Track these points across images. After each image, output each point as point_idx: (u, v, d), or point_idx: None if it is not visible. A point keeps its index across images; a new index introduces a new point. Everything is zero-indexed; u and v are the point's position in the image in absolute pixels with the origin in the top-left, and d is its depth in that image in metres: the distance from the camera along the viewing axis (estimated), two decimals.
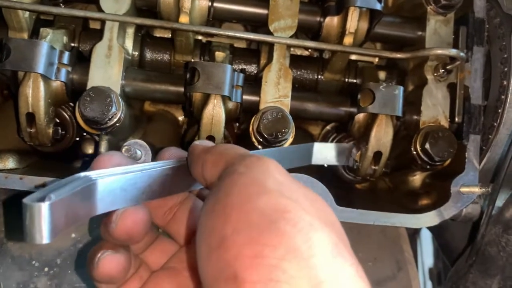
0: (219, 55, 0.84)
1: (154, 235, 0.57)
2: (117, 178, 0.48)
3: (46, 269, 0.84)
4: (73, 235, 0.87)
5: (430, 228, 1.09)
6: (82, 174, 0.46)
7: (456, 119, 0.82)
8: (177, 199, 0.56)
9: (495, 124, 0.85)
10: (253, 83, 0.83)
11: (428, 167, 0.83)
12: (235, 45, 0.92)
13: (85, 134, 0.85)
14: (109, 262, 0.48)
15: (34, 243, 0.39)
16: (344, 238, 0.40)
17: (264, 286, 0.35)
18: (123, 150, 0.66)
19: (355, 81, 0.92)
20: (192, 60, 0.86)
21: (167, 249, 0.56)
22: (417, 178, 0.90)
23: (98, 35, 0.79)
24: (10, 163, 0.81)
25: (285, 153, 0.75)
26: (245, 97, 0.80)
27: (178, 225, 0.55)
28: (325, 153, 0.83)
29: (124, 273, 0.50)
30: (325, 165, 0.84)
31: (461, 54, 0.81)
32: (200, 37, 0.92)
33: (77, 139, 0.85)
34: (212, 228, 0.39)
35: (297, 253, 0.36)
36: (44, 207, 0.38)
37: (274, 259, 0.35)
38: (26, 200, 0.39)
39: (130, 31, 0.82)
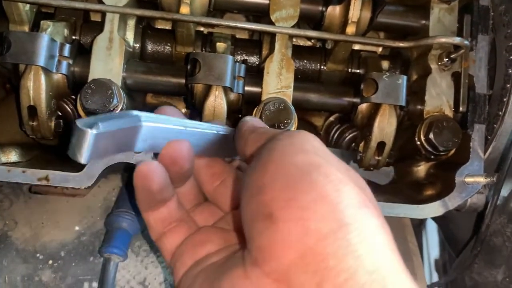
0: (220, 46, 0.83)
1: (202, 198, 0.62)
2: (162, 127, 0.52)
3: (50, 261, 0.85)
4: (77, 227, 0.88)
5: (434, 219, 1.08)
6: (134, 112, 0.50)
7: (461, 108, 0.82)
8: (224, 168, 0.61)
9: (500, 113, 0.84)
10: (255, 74, 0.82)
11: (432, 157, 0.83)
12: (237, 36, 0.91)
13: None
14: (146, 164, 0.51)
15: (75, 160, 0.45)
16: (373, 201, 0.44)
17: (295, 224, 0.39)
18: None
19: (358, 71, 0.91)
20: (194, 51, 0.86)
21: (216, 213, 0.61)
22: (421, 169, 0.90)
23: (99, 27, 0.79)
24: (13, 156, 0.81)
25: None
26: (247, 88, 0.80)
27: (225, 194, 0.60)
28: None
29: (160, 181, 0.52)
30: None
31: (466, 42, 0.80)
32: (201, 28, 0.91)
33: None
34: (253, 180, 0.44)
35: (327, 199, 0.40)
36: (91, 134, 0.44)
37: (306, 202, 0.40)
38: (78, 122, 0.44)
39: (131, 23, 0.82)
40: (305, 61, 0.90)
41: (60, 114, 0.80)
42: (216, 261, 0.51)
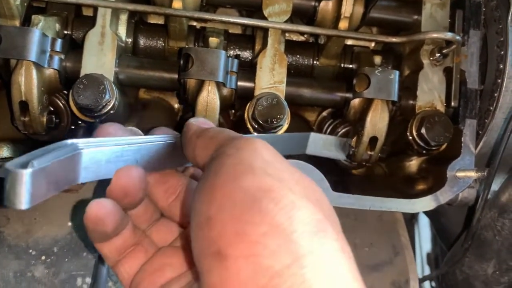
0: (213, 41, 0.83)
1: (158, 214, 0.58)
2: (103, 150, 0.48)
3: (43, 257, 0.84)
4: (70, 223, 0.87)
5: (426, 213, 1.09)
6: (69, 141, 0.46)
7: (452, 103, 0.82)
8: (178, 180, 0.56)
9: (491, 108, 0.85)
10: (248, 69, 0.82)
11: (424, 152, 0.83)
12: (230, 30, 0.91)
13: (80, 122, 0.85)
14: (97, 205, 0.48)
15: (13, 208, 0.40)
16: (330, 215, 0.41)
17: (246, 261, 0.36)
18: None
19: (351, 66, 0.91)
20: (186, 46, 0.86)
21: (173, 229, 0.57)
22: (413, 163, 0.90)
23: (91, 22, 0.78)
24: (4, 152, 0.81)
25: (279, 140, 0.75)
26: (239, 83, 0.80)
27: (179, 208, 0.56)
28: (320, 144, 0.83)
29: (113, 221, 0.49)
30: None
31: (457, 37, 0.80)
32: (194, 23, 0.91)
33: (72, 127, 0.84)
34: (200, 208, 0.41)
35: (278, 229, 0.37)
36: (26, 174, 0.39)
37: (256, 236, 0.36)
38: (8, 165, 0.40)
39: (123, 17, 0.81)
40: (298, 56, 0.90)
41: (52, 109, 0.80)
42: None
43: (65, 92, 0.80)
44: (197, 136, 0.49)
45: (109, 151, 0.49)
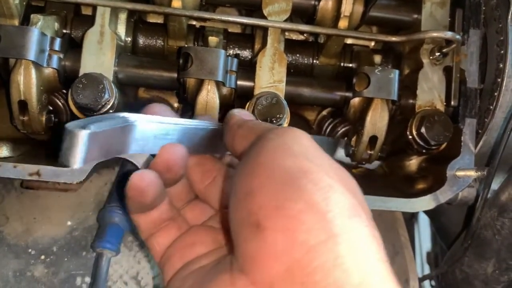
0: (213, 40, 0.83)
1: (193, 195, 0.61)
2: (152, 126, 0.51)
3: (42, 257, 0.84)
4: (69, 222, 0.87)
5: (426, 212, 1.09)
6: (122, 114, 0.49)
7: (452, 102, 0.82)
8: (215, 165, 0.59)
9: (491, 107, 0.85)
10: (248, 68, 0.82)
11: (424, 151, 0.83)
12: (229, 30, 0.91)
13: None
14: (140, 175, 0.50)
15: (67, 165, 0.43)
16: (364, 205, 0.42)
17: (283, 234, 0.38)
18: None
19: (350, 65, 0.91)
20: (186, 46, 0.86)
21: (207, 211, 0.60)
22: (413, 163, 0.90)
23: (90, 21, 0.78)
24: (4, 151, 0.80)
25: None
26: (239, 82, 0.79)
27: (216, 193, 0.59)
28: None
29: (153, 192, 0.51)
30: None
31: (457, 36, 0.80)
32: (193, 22, 0.91)
33: None
34: (241, 183, 0.43)
35: (315, 208, 0.39)
36: (84, 134, 0.42)
37: (294, 211, 0.39)
38: (68, 125, 0.43)
39: (122, 16, 0.81)
40: (298, 55, 0.90)
41: (51, 108, 0.80)
42: (205, 265, 0.51)
43: (64, 91, 0.80)
44: (238, 126, 0.52)
45: (157, 128, 0.52)
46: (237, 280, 0.41)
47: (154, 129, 0.52)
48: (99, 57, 0.76)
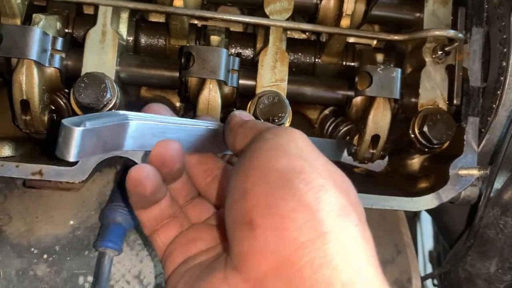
0: (214, 39, 0.83)
1: (195, 193, 0.62)
2: (149, 124, 0.53)
3: (45, 256, 0.85)
4: (72, 222, 0.87)
5: (428, 211, 1.09)
6: (121, 112, 0.51)
7: (455, 101, 0.82)
8: (216, 163, 0.61)
9: (494, 106, 0.85)
10: (249, 67, 0.82)
11: (426, 150, 0.83)
12: (231, 29, 0.90)
13: None
14: (137, 168, 0.52)
15: (62, 158, 0.45)
16: (356, 204, 0.43)
17: (274, 232, 0.39)
18: None
19: (352, 64, 0.91)
20: (187, 45, 0.86)
21: (208, 208, 0.62)
22: (415, 161, 0.90)
23: (91, 20, 0.78)
24: (6, 151, 0.80)
25: (316, 143, 0.76)
26: (241, 81, 0.79)
27: (215, 189, 0.60)
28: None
29: (151, 185, 0.53)
30: None
31: (460, 35, 0.80)
32: (195, 21, 0.91)
33: None
34: (236, 184, 0.44)
35: (306, 207, 0.40)
36: (78, 131, 0.44)
37: (285, 210, 0.40)
38: (65, 121, 0.45)
39: (124, 16, 0.81)
40: (300, 54, 0.90)
41: (53, 108, 0.80)
42: (203, 261, 0.52)
43: (66, 90, 0.80)
44: (238, 126, 0.54)
45: (154, 126, 0.54)
46: (230, 277, 0.42)
47: (152, 127, 0.53)
48: (101, 56, 0.76)
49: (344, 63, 0.91)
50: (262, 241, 0.39)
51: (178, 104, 0.95)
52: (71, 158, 0.45)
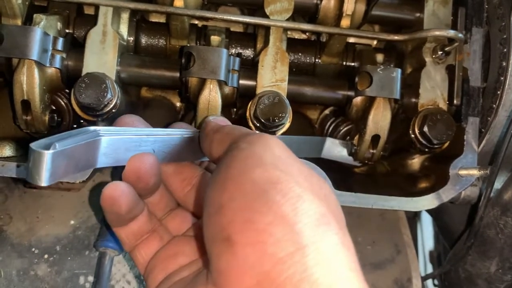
0: (215, 39, 0.83)
1: (174, 204, 0.61)
2: (122, 138, 0.51)
3: (46, 256, 0.85)
4: (72, 222, 0.88)
5: (429, 211, 1.09)
6: (92, 128, 0.49)
7: (455, 101, 0.82)
8: (193, 172, 0.59)
9: (494, 106, 0.85)
10: (250, 67, 0.82)
11: (426, 150, 0.83)
12: (232, 29, 0.90)
13: (82, 121, 0.85)
14: (111, 186, 0.51)
15: (33, 183, 0.44)
16: (335, 210, 0.43)
17: (252, 248, 0.38)
18: None
19: (353, 64, 0.91)
20: (188, 45, 0.86)
21: (188, 219, 0.60)
22: (415, 161, 0.90)
23: (92, 20, 0.78)
24: (7, 151, 0.81)
25: (295, 142, 0.76)
26: (241, 81, 0.79)
27: (194, 199, 0.59)
28: (334, 149, 0.84)
29: (127, 202, 0.52)
30: None
31: (460, 35, 0.80)
32: (195, 21, 0.91)
33: (74, 126, 0.85)
34: (212, 197, 0.43)
35: (283, 220, 0.39)
36: (47, 155, 0.43)
37: (263, 224, 0.39)
38: (33, 145, 0.43)
39: (125, 16, 0.81)
40: (300, 54, 0.90)
41: (54, 108, 0.80)
42: (185, 277, 0.51)
43: (67, 91, 0.80)
44: (214, 132, 0.52)
45: (128, 140, 0.52)
46: None
47: (125, 141, 0.52)
48: (101, 56, 0.76)
49: (344, 63, 0.91)
50: (241, 257, 0.39)
51: (178, 104, 0.95)
52: (43, 183, 0.43)
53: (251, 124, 0.78)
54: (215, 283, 0.41)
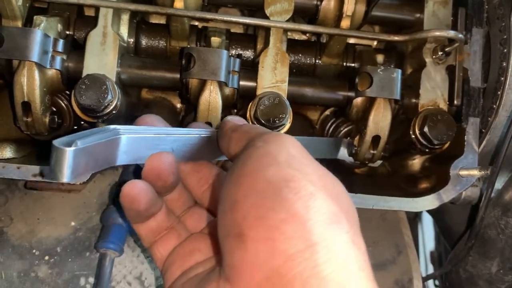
0: (215, 40, 0.83)
1: (192, 202, 0.62)
2: (142, 137, 0.53)
3: (46, 257, 0.85)
4: (73, 223, 0.87)
5: (429, 212, 1.09)
6: (112, 126, 0.50)
7: (455, 102, 0.82)
8: (210, 171, 0.61)
9: (495, 106, 0.85)
10: (250, 68, 0.82)
11: (427, 150, 0.83)
12: (232, 30, 0.91)
13: (82, 122, 0.85)
14: (131, 184, 0.53)
15: (57, 180, 0.45)
16: (348, 209, 0.43)
17: (264, 244, 0.39)
18: None
19: (353, 65, 0.91)
20: (188, 46, 0.86)
21: (205, 216, 0.61)
22: (416, 162, 0.90)
23: (92, 22, 0.78)
24: (7, 152, 0.81)
25: (313, 143, 0.77)
26: (242, 82, 0.79)
27: (210, 197, 0.60)
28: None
29: (145, 200, 0.53)
30: None
31: (460, 35, 0.80)
32: (196, 23, 0.91)
33: (75, 127, 0.85)
34: (227, 194, 0.44)
35: (295, 217, 0.40)
36: (69, 152, 0.44)
37: (275, 221, 0.40)
38: (55, 142, 0.44)
39: (125, 17, 0.81)
40: (300, 55, 0.90)
41: (54, 109, 0.80)
42: (200, 273, 0.52)
43: (67, 92, 0.80)
44: (232, 130, 0.53)
45: (147, 138, 0.53)
46: None
47: (144, 140, 0.53)
48: (102, 58, 0.76)
49: (344, 64, 0.91)
50: (252, 253, 0.40)
51: (179, 105, 0.95)
52: (65, 179, 0.44)
53: None
54: (227, 278, 0.42)
